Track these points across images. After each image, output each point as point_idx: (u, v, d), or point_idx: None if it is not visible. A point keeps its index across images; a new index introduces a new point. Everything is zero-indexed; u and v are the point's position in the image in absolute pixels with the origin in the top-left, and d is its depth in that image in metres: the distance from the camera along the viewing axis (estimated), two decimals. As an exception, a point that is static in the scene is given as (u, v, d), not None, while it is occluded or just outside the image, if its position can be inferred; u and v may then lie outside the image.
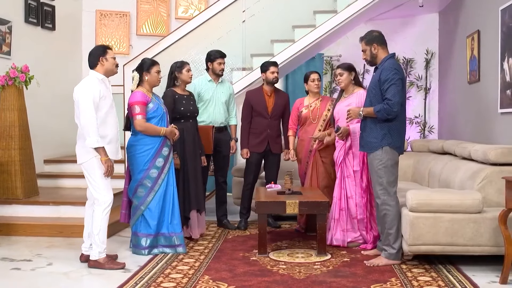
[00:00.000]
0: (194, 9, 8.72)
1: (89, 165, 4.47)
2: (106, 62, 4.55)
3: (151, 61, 5.05)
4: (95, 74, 4.54)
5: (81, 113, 4.37)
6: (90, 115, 4.34)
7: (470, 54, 6.23)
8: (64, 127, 7.95)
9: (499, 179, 4.54)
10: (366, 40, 4.71)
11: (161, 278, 4.18)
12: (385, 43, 4.67)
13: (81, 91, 4.41)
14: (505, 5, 5.16)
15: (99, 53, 4.55)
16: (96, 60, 4.55)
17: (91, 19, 8.48)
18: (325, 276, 4.23)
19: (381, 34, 4.70)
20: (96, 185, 4.48)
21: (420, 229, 4.32)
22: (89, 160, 4.45)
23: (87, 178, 4.52)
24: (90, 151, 4.42)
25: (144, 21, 8.64)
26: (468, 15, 6.44)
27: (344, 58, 8.63)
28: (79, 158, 4.55)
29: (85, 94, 4.38)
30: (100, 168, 4.45)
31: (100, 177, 4.46)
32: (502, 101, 5.25)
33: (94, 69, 4.56)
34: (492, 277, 4.20)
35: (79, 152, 4.53)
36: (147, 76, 4.96)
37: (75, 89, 4.47)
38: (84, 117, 4.36)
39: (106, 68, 4.56)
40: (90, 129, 4.34)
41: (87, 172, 4.51)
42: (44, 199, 6.17)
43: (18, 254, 4.91)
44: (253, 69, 7.01)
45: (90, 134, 4.35)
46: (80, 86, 4.46)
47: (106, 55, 4.56)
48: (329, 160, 5.69)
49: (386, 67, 4.55)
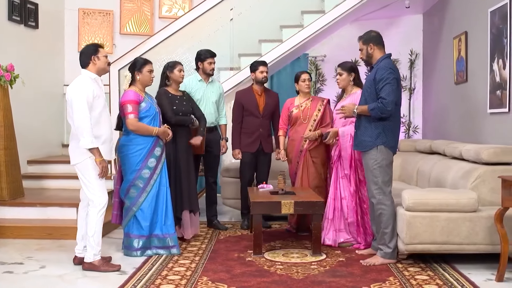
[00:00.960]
0: (178, 8, 8.66)
1: (83, 166, 4.39)
2: (98, 61, 4.48)
3: (143, 60, 4.99)
4: (87, 73, 4.46)
5: (75, 114, 4.29)
6: (84, 115, 4.26)
7: (457, 55, 6.31)
8: (48, 127, 7.84)
9: (492, 179, 4.61)
10: (363, 39, 4.74)
11: (159, 280, 4.13)
12: (382, 43, 4.71)
13: (75, 90, 4.33)
14: (494, 7, 5.23)
15: (91, 52, 4.47)
16: (88, 59, 4.47)
17: (73, 17, 8.34)
18: (323, 276, 4.24)
19: (378, 34, 4.73)
20: (90, 186, 4.40)
21: (416, 228, 4.36)
22: (83, 161, 4.36)
23: (81, 179, 4.44)
24: (84, 152, 4.33)
25: (128, 20, 8.55)
26: (455, 17, 6.52)
27: (329, 58, 8.69)
28: (72, 159, 4.46)
29: (79, 94, 4.30)
30: (94, 169, 4.38)
31: (95, 178, 4.39)
32: (491, 101, 5.33)
33: (86, 68, 4.48)
34: (487, 275, 4.26)
35: (73, 153, 4.44)
36: (139, 76, 4.90)
37: (68, 89, 4.39)
38: (78, 117, 4.27)
39: (98, 67, 4.49)
40: (84, 129, 4.26)
41: (81, 173, 4.42)
42: (30, 201, 6.03)
43: (8, 257, 4.79)
44: (241, 69, 6.99)
45: (84, 135, 4.26)
46: (73, 85, 4.38)
47: (98, 53, 4.48)
48: (319, 160, 5.72)
49: (381, 67, 4.59)
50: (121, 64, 6.92)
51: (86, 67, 4.47)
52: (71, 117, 4.37)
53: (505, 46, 5.01)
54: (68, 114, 4.43)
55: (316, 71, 8.78)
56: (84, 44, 8.32)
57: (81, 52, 4.52)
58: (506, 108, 4.99)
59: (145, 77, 4.91)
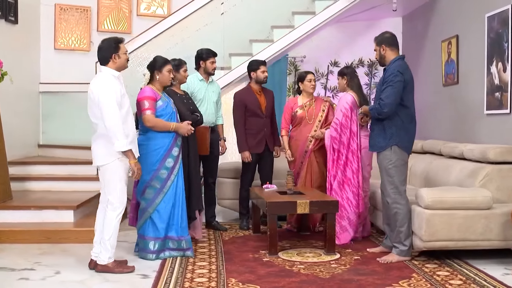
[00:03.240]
0: (157, 6, 8.50)
1: (111, 168, 4.24)
2: (118, 59, 4.34)
3: (164, 59, 4.86)
4: (109, 71, 4.31)
5: (106, 115, 4.12)
6: (117, 116, 4.12)
7: (447, 57, 6.53)
8: (27, 126, 7.53)
9: (499, 177, 4.82)
10: (377, 41, 4.84)
11: (188, 282, 4.06)
12: (395, 45, 4.80)
13: (102, 89, 4.18)
14: (492, 12, 5.45)
15: (112, 49, 4.32)
16: (108, 56, 4.32)
17: (50, 13, 8.04)
18: (349, 274, 4.28)
19: (392, 35, 4.82)
20: (114, 189, 4.26)
21: (435, 226, 4.48)
22: (112, 163, 4.22)
23: (105, 180, 4.28)
24: (113, 153, 4.18)
25: (106, 17, 8.31)
26: (443, 21, 6.73)
27: (308, 59, 8.77)
28: (99, 160, 4.29)
29: (108, 94, 4.15)
30: (122, 171, 4.26)
31: (120, 179, 4.26)
32: (489, 102, 5.54)
33: (107, 66, 4.33)
34: (501, 269, 4.42)
35: (99, 153, 4.27)
36: (159, 75, 4.79)
37: (93, 88, 4.22)
38: (110, 119, 4.11)
39: (119, 65, 4.36)
40: (118, 131, 4.11)
41: (105, 175, 4.27)
42: (19, 203, 5.77)
43: (13, 263, 4.57)
44: (232, 69, 6.95)
45: (118, 137, 4.12)
46: (98, 84, 4.22)
47: (119, 51, 4.35)
48: (322, 160, 5.80)
49: (390, 69, 4.70)
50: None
51: (106, 64, 4.33)
52: (96, 117, 4.22)
53: (505, 50, 5.22)
54: (92, 114, 4.27)
55: (295, 72, 8.83)
56: (60, 41, 8.07)
57: (100, 48, 4.35)
58: (507, 109, 5.20)
59: (164, 77, 4.80)
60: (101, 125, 4.21)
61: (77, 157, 7.25)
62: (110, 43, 4.37)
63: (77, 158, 7.17)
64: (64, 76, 7.98)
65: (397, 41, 4.82)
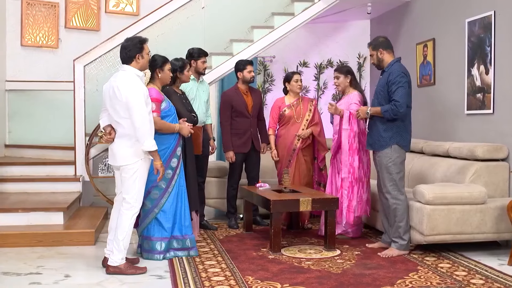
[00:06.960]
0: (126, 4, 8.34)
1: (135, 168, 4.21)
2: (142, 60, 4.30)
3: (163, 58, 4.82)
4: (133, 70, 4.27)
5: (135, 115, 4.09)
6: (145, 116, 4.10)
7: (422, 59, 6.81)
8: (-2, 126, 7.24)
9: (486, 173, 5.13)
10: (373, 46, 5.02)
11: (207, 281, 4.06)
12: (390, 47, 5.00)
13: (131, 89, 4.13)
14: (473, 18, 5.75)
15: (137, 50, 4.28)
16: (132, 56, 4.27)
17: (16, 8, 7.73)
18: (359, 269, 4.42)
19: (386, 39, 5.02)
20: (134, 189, 4.23)
21: (435, 220, 4.70)
22: (136, 163, 4.18)
23: (126, 180, 4.22)
24: (139, 153, 4.16)
25: (74, 13, 8.07)
26: (418, 25, 7.02)
27: (277, 59, 8.86)
28: (122, 159, 4.23)
29: (137, 93, 4.12)
30: (143, 171, 4.23)
31: (140, 179, 4.22)
32: (470, 103, 5.84)
33: (130, 65, 4.28)
34: (495, 260, 4.69)
35: (123, 153, 4.22)
36: (160, 74, 4.75)
37: (121, 87, 4.14)
38: (139, 119, 4.09)
39: (141, 65, 4.34)
40: (147, 131, 4.10)
41: (128, 174, 4.22)
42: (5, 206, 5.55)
43: (14, 267, 4.41)
44: (212, 68, 6.95)
45: (147, 137, 4.10)
46: (126, 84, 4.16)
47: (143, 52, 4.31)
48: (309, 159, 5.99)
49: (393, 71, 4.88)
50: (86, 60, 6.60)
51: (129, 63, 4.27)
52: (120, 116, 4.15)
53: (488, 53, 5.52)
54: (116, 113, 4.20)
55: (264, 72, 8.92)
56: (27, 38, 7.78)
57: (124, 47, 4.29)
58: (490, 110, 5.50)
59: (166, 75, 4.78)
60: (124, 125, 4.17)
61: (46, 157, 7.06)
62: (135, 42, 4.32)
63: (46, 158, 6.98)
64: (31, 73, 7.74)
65: (391, 44, 5.01)
